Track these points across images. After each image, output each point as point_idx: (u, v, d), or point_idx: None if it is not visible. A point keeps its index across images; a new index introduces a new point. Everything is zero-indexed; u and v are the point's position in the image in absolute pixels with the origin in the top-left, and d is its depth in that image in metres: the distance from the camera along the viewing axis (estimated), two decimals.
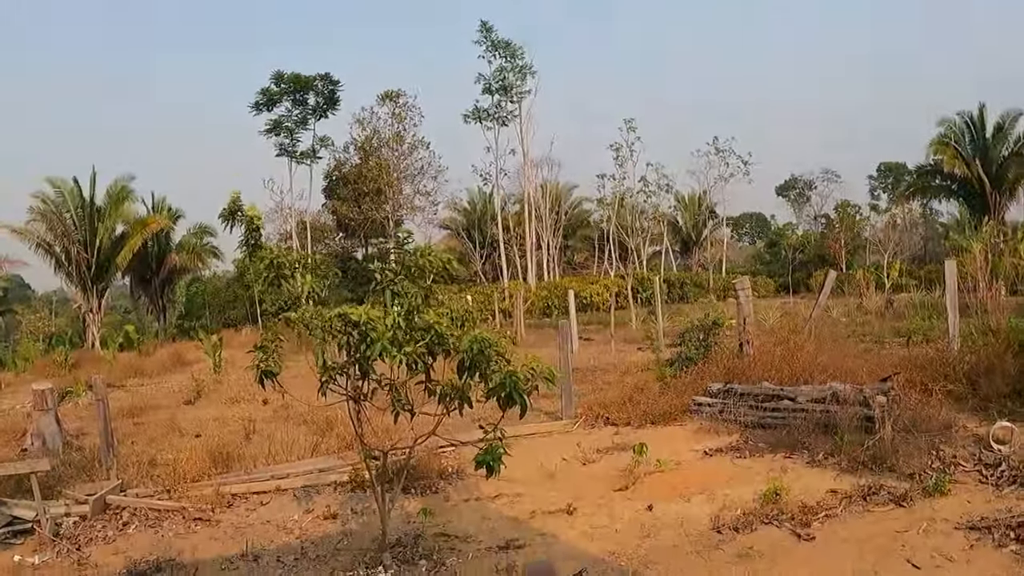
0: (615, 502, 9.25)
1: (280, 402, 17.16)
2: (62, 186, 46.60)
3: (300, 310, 6.86)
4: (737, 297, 15.77)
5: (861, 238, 63.83)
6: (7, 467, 10.18)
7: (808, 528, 7.81)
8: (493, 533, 8.58)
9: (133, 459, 12.64)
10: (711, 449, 11.17)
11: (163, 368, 30.00)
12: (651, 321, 26.55)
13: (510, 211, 61.81)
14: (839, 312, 25.97)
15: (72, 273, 46.05)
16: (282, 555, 8.38)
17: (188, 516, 9.84)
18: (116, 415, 17.31)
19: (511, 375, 6.56)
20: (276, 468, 11.71)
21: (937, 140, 49.75)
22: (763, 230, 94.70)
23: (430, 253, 7.38)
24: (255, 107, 49.97)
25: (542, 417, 14.32)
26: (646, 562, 7.42)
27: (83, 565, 8.47)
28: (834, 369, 13.03)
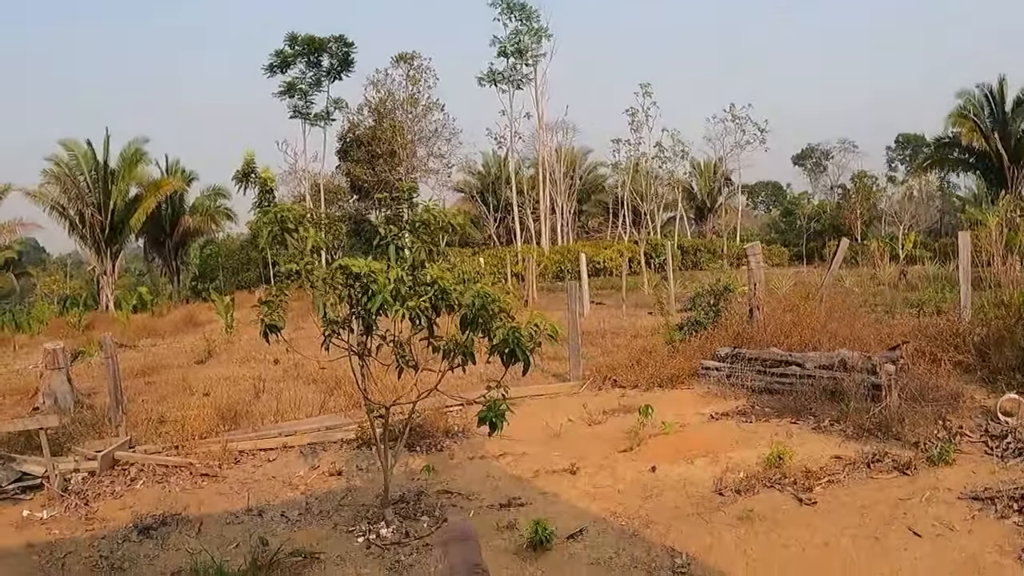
0: (619, 463, 9.25)
1: (291, 361, 17.31)
2: (76, 149, 46.63)
3: (302, 261, 6.84)
4: (748, 262, 15.67)
5: (877, 209, 63.35)
6: (17, 423, 10.25)
7: (810, 493, 7.78)
8: (496, 491, 8.62)
9: (143, 417, 12.72)
10: (717, 413, 11.14)
11: (176, 329, 30.16)
12: (663, 286, 26.48)
13: (524, 175, 61.63)
14: (852, 282, 25.83)
15: (86, 235, 46.21)
16: (286, 510, 8.43)
17: (195, 472, 9.91)
18: (128, 374, 17.45)
19: (514, 331, 6.54)
20: (283, 425, 11.78)
21: (956, 112, 49.03)
22: (779, 199, 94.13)
23: (435, 208, 7.34)
24: (269, 69, 49.81)
25: (549, 378, 14.35)
26: (647, 522, 7.44)
27: (90, 519, 8.52)
28: (843, 336, 12.93)
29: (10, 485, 9.53)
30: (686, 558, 6.59)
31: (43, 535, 8.17)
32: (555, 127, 60.37)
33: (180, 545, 7.64)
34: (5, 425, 10.16)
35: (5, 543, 7.98)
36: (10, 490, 9.46)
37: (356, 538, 7.53)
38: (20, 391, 16.75)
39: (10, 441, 11.16)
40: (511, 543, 7.17)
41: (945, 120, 50.50)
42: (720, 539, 6.93)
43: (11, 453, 10.29)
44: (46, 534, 8.20)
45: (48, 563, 7.44)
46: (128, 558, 7.42)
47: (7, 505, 9.12)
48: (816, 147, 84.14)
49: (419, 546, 7.24)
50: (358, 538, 7.52)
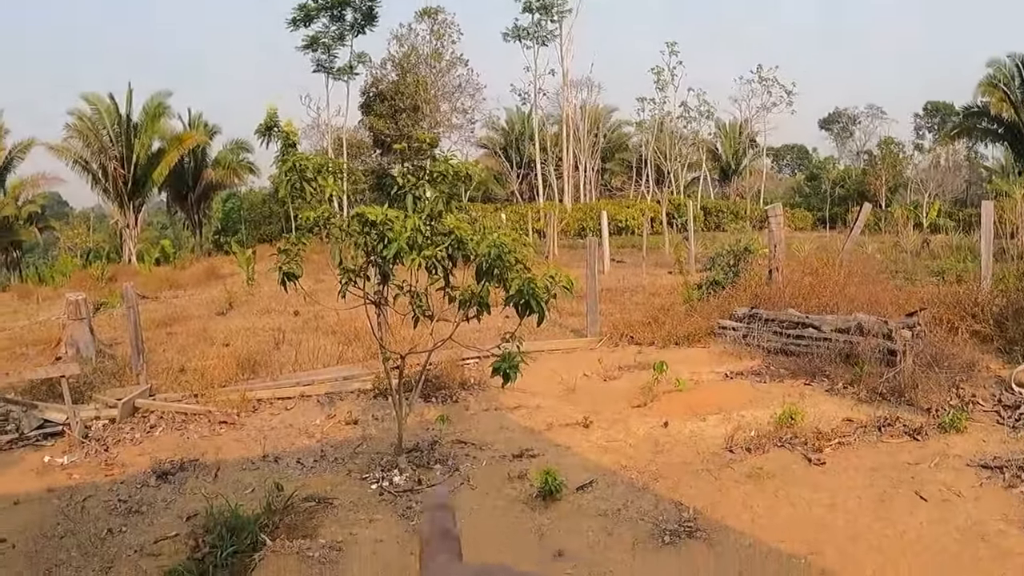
0: (632, 418, 9.33)
1: (310, 313, 17.43)
2: (98, 103, 46.59)
3: (319, 209, 6.89)
4: (769, 223, 15.64)
5: (903, 177, 62.70)
6: (38, 372, 10.38)
7: (820, 453, 7.84)
8: (509, 442, 8.71)
9: (164, 366, 12.92)
10: (732, 372, 11.20)
11: (197, 281, 30.30)
12: (684, 246, 26.44)
13: (548, 132, 61.29)
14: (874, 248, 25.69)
15: (109, 189, 46.31)
16: (302, 457, 8.56)
17: (213, 420, 10.05)
18: (149, 325, 17.60)
19: (529, 282, 6.58)
20: (301, 375, 11.91)
21: (986, 81, 48.18)
22: (804, 163, 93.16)
23: (453, 159, 7.35)
24: (292, 23, 49.37)
25: (567, 333, 14.43)
26: (656, 476, 7.51)
27: (110, 465, 8.65)
28: (861, 301, 12.91)
29: (32, 432, 9.70)
30: (693, 512, 6.65)
31: (64, 480, 8.31)
32: (580, 84, 59.84)
33: (197, 490, 7.76)
34: (27, 373, 10.31)
35: (27, 488, 8.11)
36: (32, 436, 9.63)
37: (369, 485, 7.64)
38: (43, 341, 16.92)
39: (32, 389, 11.31)
40: (521, 493, 7.27)
41: (975, 89, 49.75)
42: (727, 495, 7.00)
43: (33, 400, 10.47)
44: (67, 479, 8.33)
45: (68, 507, 7.56)
46: (146, 502, 7.54)
47: (29, 451, 9.28)
48: (843, 112, 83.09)
49: None
50: (371, 485, 7.63)
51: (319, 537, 6.54)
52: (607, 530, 6.43)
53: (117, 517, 7.24)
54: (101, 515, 7.31)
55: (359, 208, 6.67)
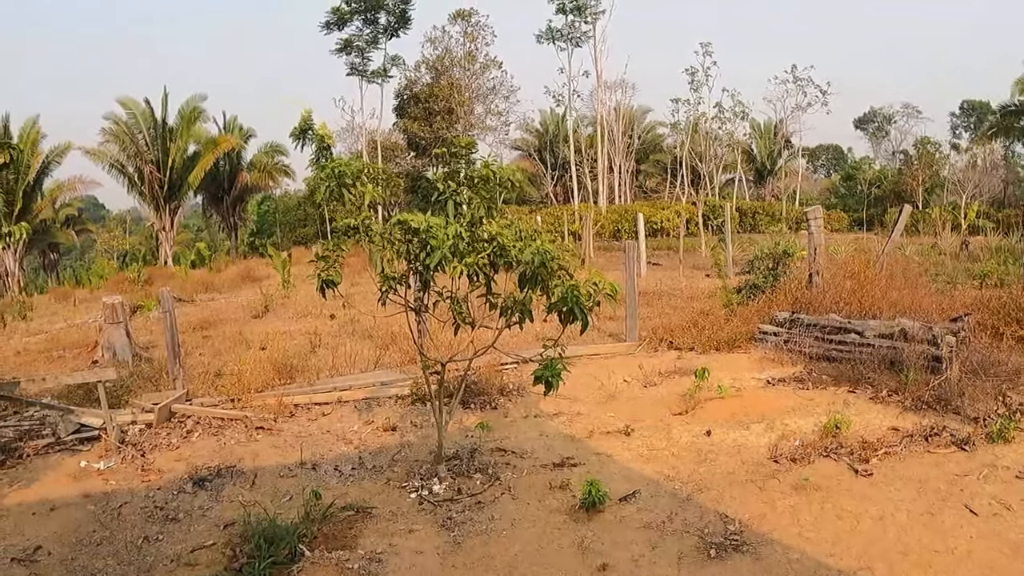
0: (673, 426, 9.18)
1: (347, 317, 17.41)
2: (134, 107, 47.10)
3: (360, 216, 6.80)
4: (808, 226, 15.41)
5: (939, 177, 61.98)
6: (75, 376, 10.39)
7: (866, 464, 7.64)
8: (549, 450, 8.59)
9: (200, 370, 12.92)
10: (774, 378, 11.00)
11: (233, 284, 30.49)
12: (720, 248, 26.24)
13: (582, 134, 61.18)
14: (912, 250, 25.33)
15: (145, 192, 46.82)
16: (340, 464, 8.48)
17: (250, 425, 10.01)
18: (185, 328, 17.69)
19: (572, 289, 6.46)
20: (339, 380, 11.85)
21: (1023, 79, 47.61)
22: (839, 163, 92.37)
23: (494, 164, 7.25)
24: (326, 26, 49.60)
25: (606, 338, 14.31)
26: (700, 487, 7.36)
27: (146, 470, 8.63)
28: (904, 305, 12.71)
29: (69, 436, 9.71)
30: (739, 525, 6.50)
31: (100, 486, 8.29)
32: (614, 85, 59.72)
33: (234, 497, 7.71)
34: (64, 378, 10.33)
35: (63, 493, 8.10)
36: (69, 441, 9.63)
37: (408, 494, 7.55)
38: (80, 344, 17.03)
39: (69, 393, 11.40)
40: (563, 503, 7.14)
41: (1012, 87, 49.05)
42: (773, 507, 6.84)
43: (70, 405, 10.49)
44: (103, 484, 8.32)
45: (104, 513, 7.54)
46: (183, 509, 7.50)
47: (66, 456, 9.26)
48: (879, 111, 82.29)
49: (471, 503, 7.24)
50: (410, 494, 7.54)
51: (358, 548, 6.46)
52: (651, 543, 6.29)
53: (154, 524, 7.21)
54: (137, 522, 7.28)
55: (401, 215, 6.59)
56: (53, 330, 20.40)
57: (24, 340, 18.97)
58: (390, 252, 6.86)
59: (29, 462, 9.11)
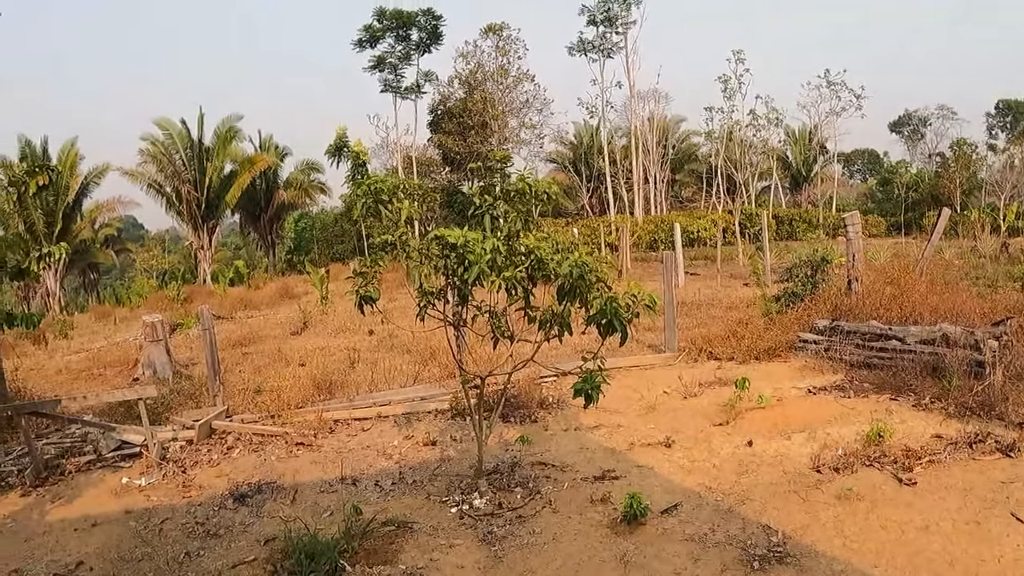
0: (714, 437, 9.10)
1: (385, 332, 17.48)
2: (170, 128, 47.79)
3: (397, 232, 6.83)
4: (846, 232, 15.28)
5: (977, 179, 61.19)
6: (116, 394, 10.49)
7: (910, 473, 7.51)
8: (590, 463, 8.54)
9: (240, 387, 13.03)
10: (815, 387, 10.90)
11: (271, 301, 30.71)
12: (758, 257, 26.09)
13: (617, 145, 61.10)
14: (952, 254, 25.06)
15: (183, 212, 47.50)
16: (380, 479, 8.49)
17: (290, 441, 10.07)
18: (224, 346, 17.89)
19: (611, 301, 6.44)
20: (378, 395, 11.89)
21: None
22: (875, 167, 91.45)
23: (530, 177, 7.24)
24: (358, 44, 49.98)
25: (644, 349, 14.26)
26: (742, 498, 7.28)
27: (187, 487, 8.71)
28: (945, 310, 12.55)
29: (110, 453, 9.87)
30: (782, 536, 6.42)
31: (141, 502, 8.39)
32: (647, 96, 59.70)
33: (275, 513, 7.75)
34: (105, 395, 10.43)
35: (105, 510, 8.20)
36: (110, 458, 9.78)
37: (449, 508, 7.53)
38: (121, 362, 17.28)
39: (111, 411, 11.53)
40: (605, 516, 7.09)
41: None
42: (817, 518, 6.75)
43: (111, 422, 10.62)
44: (144, 501, 8.41)
45: (146, 529, 7.61)
46: (223, 525, 7.54)
47: (107, 472, 9.40)
48: (913, 113, 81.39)
49: (512, 518, 7.20)
50: (451, 508, 7.53)
51: (399, 563, 6.44)
52: (694, 556, 6.23)
53: (195, 540, 7.26)
54: (179, 538, 7.34)
55: (438, 230, 6.60)
56: (94, 348, 20.69)
57: (66, 358, 19.31)
58: (428, 267, 6.87)
59: (71, 479, 9.25)
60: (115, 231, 60.29)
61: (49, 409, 9.93)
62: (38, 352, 21.41)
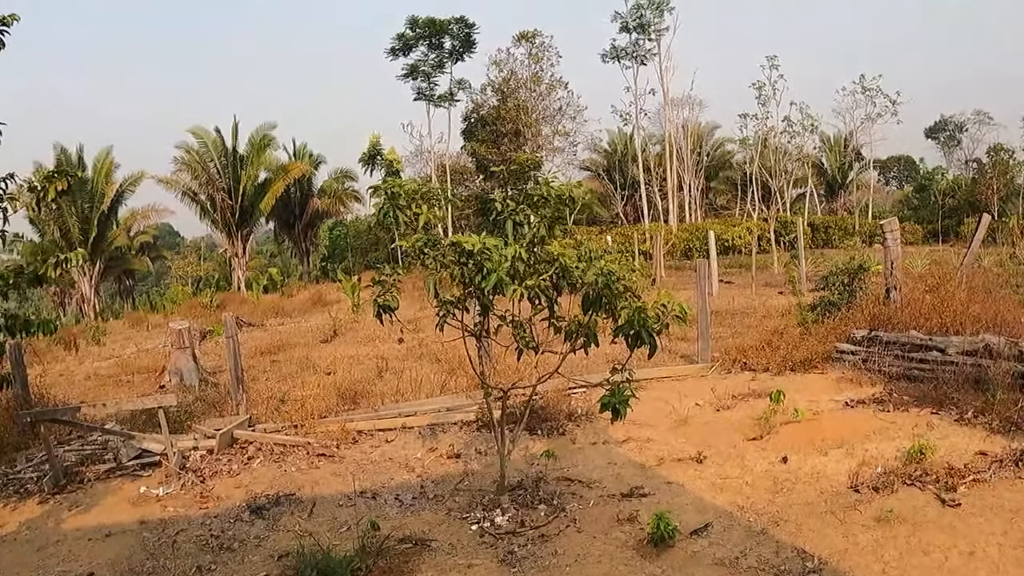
0: (748, 452, 8.79)
1: (415, 341, 17.29)
2: (205, 136, 47.98)
3: (412, 238, 6.58)
4: (884, 239, 14.88)
5: (1014, 185, 60.19)
6: (136, 402, 10.40)
7: (954, 493, 7.14)
8: (618, 479, 8.26)
9: (265, 395, 12.90)
10: (852, 400, 10.53)
11: (303, 309, 30.68)
12: (793, 265, 25.65)
13: (651, 152, 60.68)
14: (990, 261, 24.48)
15: (217, 219, 47.65)
16: (400, 493, 8.28)
17: (312, 452, 9.89)
18: (253, 353, 17.85)
19: (639, 311, 6.15)
20: (403, 406, 11.69)
21: None
22: (911, 174, 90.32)
23: (553, 181, 6.97)
24: (391, 52, 49.92)
25: (677, 360, 13.92)
26: (776, 519, 6.96)
27: (205, 497, 8.58)
28: (987, 320, 12.10)
29: (130, 461, 9.77)
30: (818, 562, 6.10)
31: (157, 512, 8.28)
32: (681, 103, 59.12)
33: (291, 526, 7.58)
34: (126, 403, 10.35)
35: (120, 519, 8.11)
36: (130, 466, 9.68)
37: (470, 525, 7.30)
38: (149, 369, 17.27)
39: (133, 418, 11.46)
40: (631, 537, 6.79)
41: None
42: (855, 542, 6.41)
43: (132, 430, 10.54)
44: (161, 511, 8.30)
45: (159, 540, 7.49)
46: (238, 538, 7.39)
47: (126, 481, 9.30)
48: (950, 119, 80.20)
49: (534, 536, 6.94)
50: (472, 525, 7.29)
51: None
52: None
53: (207, 554, 7.13)
54: (192, 551, 7.22)
55: (454, 236, 6.34)
56: (124, 355, 20.79)
57: (95, 364, 19.40)
58: (445, 276, 6.62)
59: (90, 487, 9.20)
60: (151, 238, 60.76)
61: (69, 416, 9.82)
62: (68, 358, 21.50)
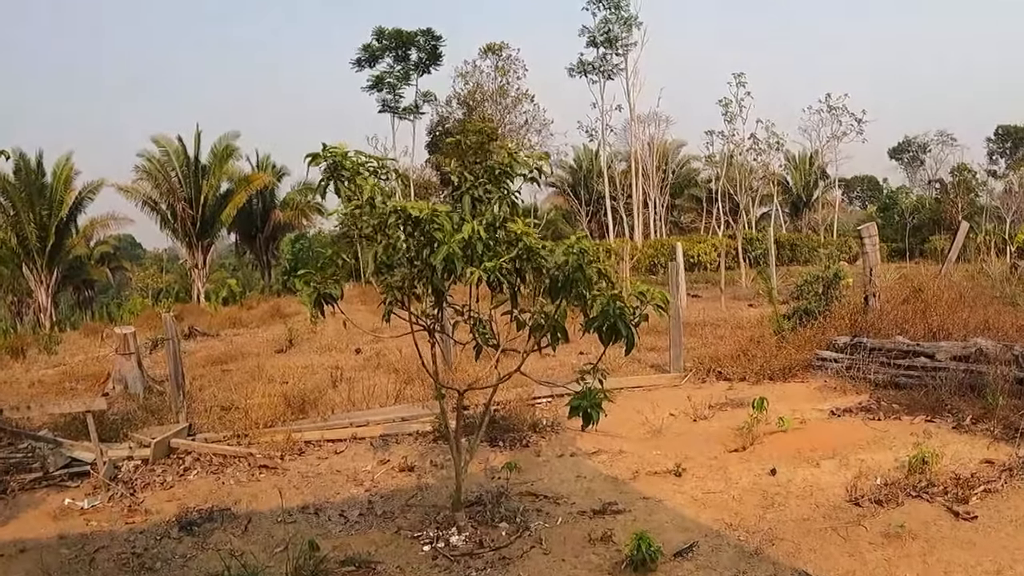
0: (730, 464, 8.10)
1: (373, 351, 16.62)
2: (167, 145, 47.11)
3: (350, 205, 5.75)
4: (862, 245, 14.48)
5: (976, 204, 60.76)
6: (63, 405, 9.71)
7: (966, 504, 6.52)
8: (589, 494, 7.50)
9: (212, 404, 12.22)
10: (838, 409, 10.00)
11: (261, 320, 30.04)
12: (761, 279, 25.25)
13: (617, 168, 60.32)
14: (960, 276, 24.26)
15: (178, 229, 46.77)
16: (346, 509, 7.47)
17: (254, 463, 9.13)
18: (204, 362, 17.29)
19: (615, 299, 5.36)
20: (355, 415, 10.98)
21: None
22: (875, 194, 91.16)
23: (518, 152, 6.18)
24: (357, 63, 49.63)
25: (647, 369, 13.24)
26: (771, 537, 6.20)
27: (133, 511, 7.82)
28: (975, 325, 11.87)
29: (58, 471, 9.01)
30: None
31: (80, 526, 7.53)
32: (647, 119, 58.82)
33: (222, 544, 6.78)
34: (50, 407, 9.63)
35: (39, 533, 7.37)
36: (57, 476, 8.93)
37: (422, 546, 6.46)
38: (95, 377, 16.58)
39: (67, 425, 10.67)
40: (606, 559, 5.97)
41: None
42: (864, 561, 5.67)
43: (62, 437, 9.76)
44: (83, 525, 7.56)
45: (76, 558, 6.74)
46: (162, 557, 6.62)
47: (52, 492, 8.56)
48: (913, 140, 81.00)
49: (494, 559, 6.10)
50: (424, 546, 6.45)
51: None
52: None
53: (126, 574, 6.37)
54: (110, 570, 6.46)
55: (398, 202, 5.52)
56: (72, 363, 20.13)
57: (41, 372, 18.76)
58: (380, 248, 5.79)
59: (12, 497, 8.44)
60: (111, 248, 59.74)
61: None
62: (15, 365, 20.67)
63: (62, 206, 42.94)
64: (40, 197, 41.40)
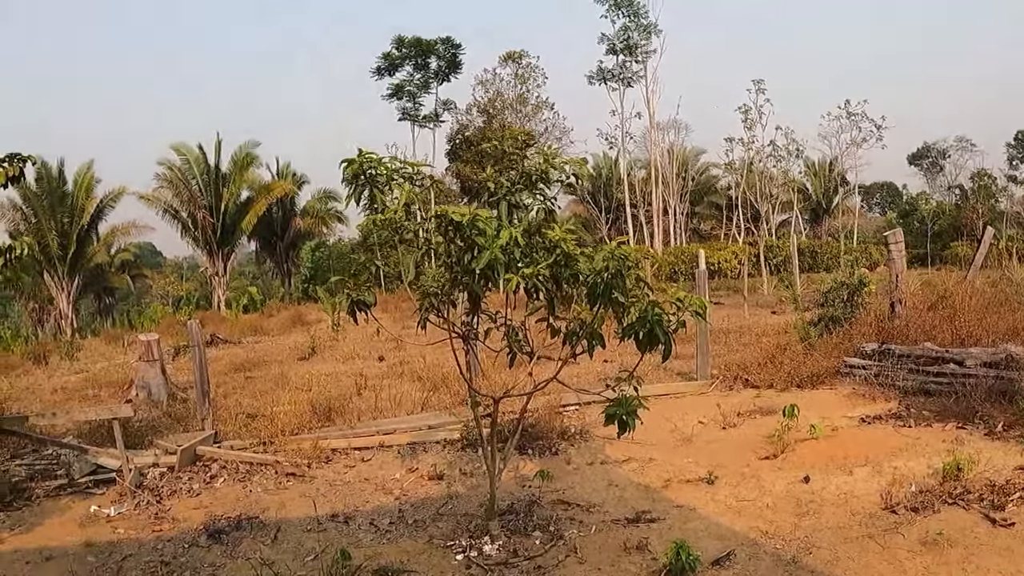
0: (763, 472, 8.04)
1: (396, 359, 16.57)
2: (187, 153, 47.24)
3: (389, 211, 5.72)
4: (888, 251, 14.34)
5: (996, 210, 60.22)
6: (88, 412, 9.72)
7: (1002, 512, 6.44)
8: (621, 502, 7.47)
9: (237, 411, 12.15)
10: (868, 416, 9.88)
11: (283, 328, 29.99)
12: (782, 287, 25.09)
13: (636, 176, 60.19)
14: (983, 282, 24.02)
15: (198, 238, 46.87)
16: (376, 518, 7.47)
17: (281, 471, 9.12)
18: (228, 369, 17.28)
19: (653, 305, 5.30)
20: (382, 423, 10.94)
21: None
22: (894, 200, 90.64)
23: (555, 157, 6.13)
24: (377, 72, 49.61)
25: (673, 377, 13.12)
26: (808, 546, 6.15)
27: (160, 519, 7.84)
28: (1003, 331, 11.61)
29: (83, 478, 9.04)
30: None
31: (106, 534, 7.55)
32: (666, 126, 58.63)
33: (251, 553, 6.78)
34: (76, 413, 9.63)
35: (65, 541, 7.37)
36: (83, 483, 8.95)
37: (454, 555, 6.46)
38: (118, 383, 16.64)
39: (91, 432, 10.64)
40: (643, 568, 5.95)
41: None
42: (903, 569, 5.64)
43: (87, 444, 9.78)
44: (110, 532, 7.58)
45: (103, 566, 6.75)
46: (191, 566, 6.62)
47: (77, 499, 8.58)
48: (932, 146, 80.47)
49: (529, 568, 6.09)
50: (456, 555, 6.45)
51: None
52: None
53: None
54: None
55: (441, 208, 5.48)
56: (94, 369, 20.14)
57: (64, 379, 18.80)
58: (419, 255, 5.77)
59: (37, 504, 8.46)
60: (131, 256, 59.88)
61: (16, 426, 9.05)
62: (38, 372, 20.74)
63: (83, 214, 43.24)
64: (61, 205, 41.76)
